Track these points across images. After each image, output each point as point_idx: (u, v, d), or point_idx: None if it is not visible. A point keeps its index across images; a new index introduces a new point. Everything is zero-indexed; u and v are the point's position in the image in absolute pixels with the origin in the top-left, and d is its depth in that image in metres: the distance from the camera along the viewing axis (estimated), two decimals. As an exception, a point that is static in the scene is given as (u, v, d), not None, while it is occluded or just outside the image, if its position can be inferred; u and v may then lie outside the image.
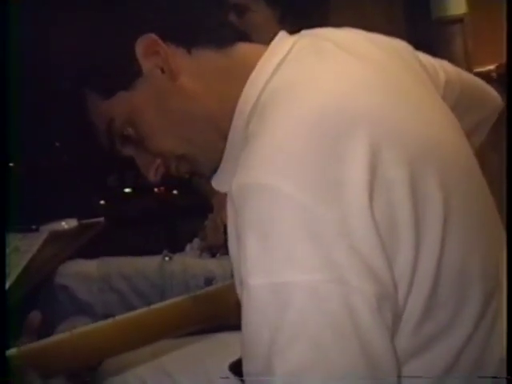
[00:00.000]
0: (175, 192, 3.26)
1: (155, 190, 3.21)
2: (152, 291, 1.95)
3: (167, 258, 2.02)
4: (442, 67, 1.09)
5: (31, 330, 1.03)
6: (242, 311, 0.75)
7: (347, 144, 0.76)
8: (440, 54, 1.16)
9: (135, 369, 1.33)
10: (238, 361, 1.15)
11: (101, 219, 1.33)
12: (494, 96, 1.24)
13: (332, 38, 0.94)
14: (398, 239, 0.77)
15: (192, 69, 0.92)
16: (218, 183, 0.96)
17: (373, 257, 0.73)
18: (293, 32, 0.97)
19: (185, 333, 1.21)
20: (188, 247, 2.20)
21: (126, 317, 1.05)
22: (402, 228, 0.77)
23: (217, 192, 0.96)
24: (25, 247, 1.18)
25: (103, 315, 1.89)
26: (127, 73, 0.91)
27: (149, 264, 2.02)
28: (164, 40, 0.90)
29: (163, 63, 0.91)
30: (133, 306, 1.87)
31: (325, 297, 0.71)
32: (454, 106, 1.02)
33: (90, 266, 2.03)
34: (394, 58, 0.96)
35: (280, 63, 0.88)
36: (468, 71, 1.25)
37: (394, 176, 0.77)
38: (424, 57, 1.06)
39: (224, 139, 0.92)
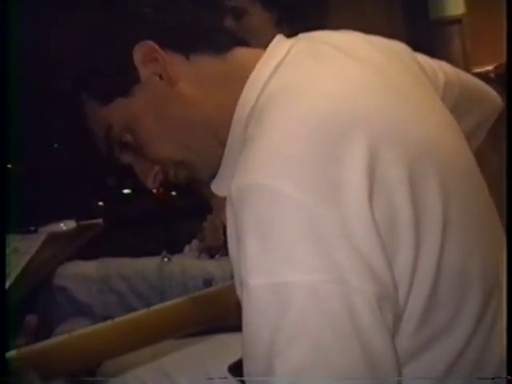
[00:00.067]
0: (174, 193, 3.26)
1: (154, 192, 3.21)
2: (151, 292, 1.95)
3: (166, 259, 2.02)
4: (441, 68, 1.09)
5: (28, 333, 1.03)
6: (243, 311, 0.75)
7: (346, 146, 0.76)
8: (438, 55, 1.16)
9: (135, 370, 1.34)
10: (237, 362, 1.15)
11: (99, 220, 1.33)
12: (494, 96, 1.24)
13: (330, 41, 0.93)
14: (398, 239, 0.77)
15: (190, 75, 0.92)
16: (217, 188, 0.96)
17: (373, 257, 0.73)
18: (290, 35, 0.97)
19: (184, 334, 1.22)
20: (187, 248, 2.20)
21: (125, 319, 1.05)
22: (402, 228, 0.77)
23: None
24: (24, 248, 1.18)
25: (102, 316, 1.89)
26: (125, 79, 0.91)
27: (148, 265, 2.02)
28: (162, 47, 0.90)
29: (161, 70, 0.91)
30: (132, 307, 1.88)
31: (325, 297, 0.71)
32: (454, 108, 1.02)
33: (89, 267, 2.03)
34: (393, 60, 0.96)
35: (277, 66, 0.88)
36: (466, 72, 1.25)
37: (394, 176, 0.77)
38: (423, 58, 1.06)
39: (222, 145, 0.92)
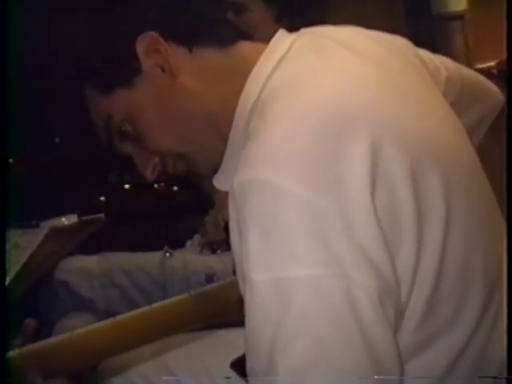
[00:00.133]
0: (176, 188, 3.26)
1: (155, 187, 3.21)
2: (153, 287, 1.95)
3: (168, 254, 2.02)
4: (443, 64, 1.09)
5: (27, 337, 1.03)
6: (245, 307, 0.75)
7: (348, 142, 0.75)
8: (441, 51, 1.16)
9: (137, 366, 1.34)
10: (240, 358, 1.14)
11: (101, 215, 1.33)
12: (495, 92, 1.23)
13: (331, 36, 0.93)
14: (401, 234, 0.77)
15: (193, 68, 0.92)
16: (220, 182, 0.95)
17: (375, 252, 0.73)
18: (291, 30, 0.97)
19: (186, 331, 1.21)
20: (188, 243, 2.20)
21: (127, 316, 1.05)
22: (405, 223, 0.77)
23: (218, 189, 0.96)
24: (25, 243, 1.18)
25: (104, 311, 1.89)
26: (127, 70, 0.91)
27: (150, 260, 2.02)
28: (165, 38, 0.90)
29: (163, 62, 0.90)
30: (134, 302, 1.88)
31: (327, 291, 0.71)
32: (455, 103, 1.02)
33: (91, 262, 2.03)
34: (394, 55, 0.96)
35: (280, 61, 0.88)
36: (468, 67, 1.24)
37: (396, 171, 0.77)
38: (424, 53, 1.06)
39: (224, 139, 0.92)
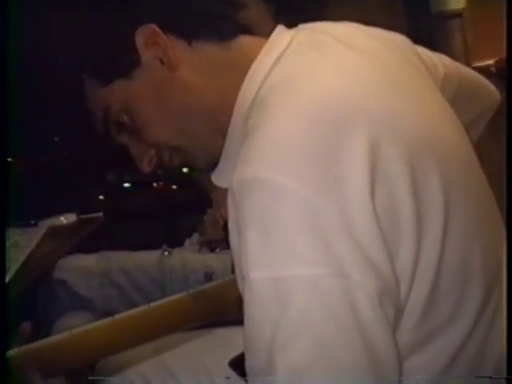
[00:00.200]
0: (174, 187, 3.26)
1: (154, 186, 3.20)
2: (152, 286, 1.96)
3: (166, 253, 2.02)
4: (441, 61, 1.09)
5: (22, 341, 1.03)
6: (244, 305, 0.74)
7: (347, 140, 0.75)
8: (439, 49, 1.16)
9: (136, 365, 1.33)
10: (238, 357, 1.14)
11: (100, 214, 1.33)
12: (492, 90, 1.24)
13: (330, 32, 0.93)
14: (400, 233, 0.77)
15: (192, 61, 0.92)
16: (218, 179, 0.95)
17: (374, 251, 0.73)
18: (289, 27, 0.97)
19: (184, 329, 1.21)
20: (187, 242, 2.20)
21: (126, 315, 1.04)
22: (404, 222, 0.77)
23: (216, 187, 0.96)
24: (24, 242, 1.18)
25: (102, 310, 1.90)
26: (126, 61, 0.91)
27: (148, 259, 2.02)
28: (164, 31, 0.90)
29: (162, 54, 0.90)
30: (132, 301, 1.88)
31: (326, 291, 0.71)
32: (453, 100, 1.02)
33: (90, 261, 2.03)
34: (393, 52, 0.96)
35: (279, 57, 0.88)
36: (467, 66, 1.25)
37: (395, 170, 0.77)
38: (423, 50, 1.06)
39: (223, 134, 0.92)
